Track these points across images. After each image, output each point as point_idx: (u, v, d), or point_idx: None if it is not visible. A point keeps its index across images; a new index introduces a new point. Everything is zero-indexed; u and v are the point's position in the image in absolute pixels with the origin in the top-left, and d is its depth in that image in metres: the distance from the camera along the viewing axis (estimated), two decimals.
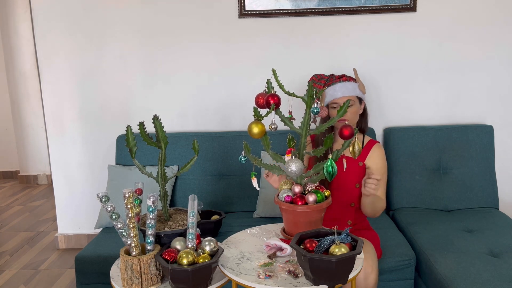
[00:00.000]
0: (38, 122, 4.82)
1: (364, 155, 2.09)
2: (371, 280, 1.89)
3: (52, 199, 4.21)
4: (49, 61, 2.92)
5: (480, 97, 2.85)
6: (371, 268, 1.89)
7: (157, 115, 1.64)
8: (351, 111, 2.02)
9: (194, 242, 1.49)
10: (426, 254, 2.17)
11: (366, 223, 2.20)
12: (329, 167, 1.55)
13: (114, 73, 2.92)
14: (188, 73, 2.90)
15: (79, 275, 2.28)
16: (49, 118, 3.00)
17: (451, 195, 2.68)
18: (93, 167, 3.04)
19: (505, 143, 2.87)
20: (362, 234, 2.10)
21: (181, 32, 2.85)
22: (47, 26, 2.87)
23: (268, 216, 2.61)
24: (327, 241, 1.38)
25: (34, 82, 4.72)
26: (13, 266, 3.05)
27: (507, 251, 2.11)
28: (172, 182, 2.75)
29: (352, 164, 2.05)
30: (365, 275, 1.88)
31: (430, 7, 2.74)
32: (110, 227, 2.58)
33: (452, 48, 2.80)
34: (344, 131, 1.60)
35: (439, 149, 2.71)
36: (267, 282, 1.39)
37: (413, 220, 2.50)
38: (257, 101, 1.59)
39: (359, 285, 1.88)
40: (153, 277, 1.50)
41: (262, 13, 2.78)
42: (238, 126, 2.93)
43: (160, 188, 1.68)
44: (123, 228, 1.50)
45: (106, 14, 2.84)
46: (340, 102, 2.02)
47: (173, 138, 2.74)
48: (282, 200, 1.59)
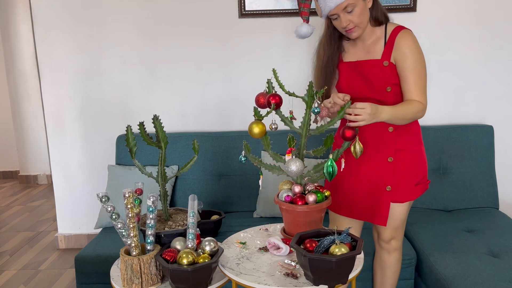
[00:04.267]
0: (38, 122, 4.82)
1: (389, 51, 1.77)
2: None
3: (52, 199, 4.21)
4: (49, 61, 2.92)
5: (480, 97, 2.85)
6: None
7: (157, 115, 1.64)
8: (356, 14, 1.71)
9: (194, 242, 1.49)
10: (426, 254, 2.17)
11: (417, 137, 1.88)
12: (329, 167, 1.55)
13: (114, 73, 2.92)
14: (188, 73, 2.90)
15: (79, 275, 2.28)
16: (49, 118, 3.00)
17: (451, 195, 2.68)
18: (93, 167, 3.04)
19: (505, 143, 2.87)
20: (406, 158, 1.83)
21: (181, 32, 2.85)
22: (47, 26, 2.87)
23: (268, 216, 2.61)
24: (327, 241, 1.38)
25: (34, 82, 4.72)
26: (13, 266, 3.05)
27: (507, 251, 2.11)
28: (172, 182, 2.75)
29: (375, 66, 1.78)
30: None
31: (430, 7, 2.74)
32: (110, 227, 2.58)
33: (452, 48, 2.80)
34: (346, 133, 1.60)
35: (439, 149, 2.71)
36: (267, 282, 1.39)
37: (413, 220, 2.50)
38: (258, 101, 1.59)
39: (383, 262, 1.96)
40: (153, 277, 1.50)
41: (262, 13, 2.78)
42: (238, 126, 2.92)
43: (160, 188, 1.68)
44: (123, 228, 1.50)
45: (106, 14, 2.84)
46: (338, 11, 1.71)
47: (173, 138, 2.74)
48: (282, 200, 1.58)
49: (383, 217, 1.85)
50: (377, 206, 1.85)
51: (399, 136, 1.83)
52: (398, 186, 1.84)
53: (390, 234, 1.93)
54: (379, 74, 1.77)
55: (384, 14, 1.82)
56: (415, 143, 1.88)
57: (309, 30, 1.88)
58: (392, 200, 1.84)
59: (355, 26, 1.74)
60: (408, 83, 1.76)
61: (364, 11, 1.73)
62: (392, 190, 1.83)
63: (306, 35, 1.90)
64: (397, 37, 1.77)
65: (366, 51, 1.83)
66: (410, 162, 1.85)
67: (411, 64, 1.75)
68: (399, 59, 1.75)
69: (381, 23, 1.81)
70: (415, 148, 1.88)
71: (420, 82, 1.76)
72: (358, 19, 1.72)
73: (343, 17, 1.72)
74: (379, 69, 1.78)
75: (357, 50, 1.85)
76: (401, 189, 1.85)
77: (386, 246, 1.97)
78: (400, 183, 1.84)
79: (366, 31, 1.81)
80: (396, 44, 1.76)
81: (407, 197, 1.86)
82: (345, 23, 1.73)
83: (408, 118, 1.77)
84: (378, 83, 1.78)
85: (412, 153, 1.86)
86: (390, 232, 1.92)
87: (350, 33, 1.76)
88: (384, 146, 1.83)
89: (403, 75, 1.76)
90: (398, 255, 2.00)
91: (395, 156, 1.83)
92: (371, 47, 1.82)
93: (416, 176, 1.87)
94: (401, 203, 1.86)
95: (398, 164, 1.83)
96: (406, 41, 1.76)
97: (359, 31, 1.77)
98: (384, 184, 1.84)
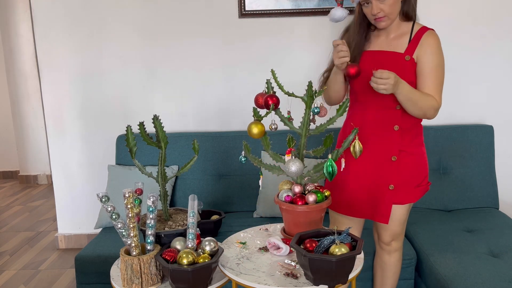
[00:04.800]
0: (38, 122, 4.82)
1: (413, 47, 1.77)
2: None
3: (52, 199, 4.21)
4: (49, 61, 2.92)
5: (480, 97, 2.85)
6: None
7: (157, 115, 1.64)
8: (388, 4, 1.70)
9: (194, 242, 1.49)
10: (426, 254, 2.17)
11: (419, 139, 1.89)
12: (329, 167, 1.55)
13: (114, 73, 2.92)
14: (188, 73, 2.90)
15: (79, 275, 2.28)
16: (49, 118, 3.00)
17: (451, 195, 2.68)
18: (93, 167, 3.04)
19: (505, 143, 2.87)
20: (407, 159, 1.82)
21: (181, 32, 2.85)
22: (47, 26, 2.87)
23: (268, 216, 2.61)
24: (327, 241, 1.38)
25: (34, 82, 4.72)
26: (13, 266, 3.05)
27: (507, 251, 2.11)
28: (172, 182, 2.75)
29: (396, 59, 1.77)
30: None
31: (430, 7, 2.74)
32: (110, 227, 2.58)
33: (452, 48, 2.79)
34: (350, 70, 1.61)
35: (439, 149, 2.71)
36: (267, 282, 1.39)
37: (413, 220, 2.50)
38: (257, 101, 1.59)
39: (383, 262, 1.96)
40: (153, 277, 1.50)
41: (262, 13, 2.78)
42: (238, 126, 2.92)
43: (160, 188, 1.68)
44: (123, 228, 1.50)
45: (106, 14, 2.84)
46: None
47: (173, 138, 2.74)
48: (282, 200, 1.58)
49: (384, 215, 1.85)
50: (378, 204, 1.85)
51: (403, 136, 1.82)
52: (399, 187, 1.83)
53: (390, 236, 1.93)
54: (398, 67, 1.74)
55: (414, 11, 1.81)
56: (417, 144, 1.88)
57: (343, 14, 1.83)
58: (392, 202, 1.84)
59: (385, 16, 1.72)
60: (427, 82, 1.76)
61: (396, 2, 1.72)
62: (393, 190, 1.83)
63: (340, 19, 1.84)
64: (423, 35, 1.76)
65: (388, 44, 1.81)
66: (412, 164, 1.85)
67: (433, 65, 1.75)
68: (423, 57, 1.75)
69: (410, 19, 1.81)
70: (417, 150, 1.87)
71: (439, 83, 1.77)
72: (390, 9, 1.71)
73: (375, 4, 1.70)
74: (399, 62, 1.76)
75: (380, 41, 1.83)
76: (402, 191, 1.84)
77: (387, 247, 1.97)
78: (401, 184, 1.84)
79: (392, 24, 1.79)
80: (422, 42, 1.76)
81: (408, 199, 1.86)
82: (376, 10, 1.71)
83: (419, 107, 1.74)
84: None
85: (414, 155, 1.86)
86: (390, 233, 1.92)
87: (379, 22, 1.75)
88: (388, 144, 1.82)
89: (423, 74, 1.76)
90: (399, 255, 2.00)
91: (399, 156, 1.82)
92: (394, 41, 1.81)
93: (417, 178, 1.87)
94: (401, 204, 1.86)
95: (401, 165, 1.83)
96: (432, 41, 1.76)
97: (388, 22, 1.76)
98: (386, 183, 1.83)
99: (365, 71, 1.75)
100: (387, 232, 1.92)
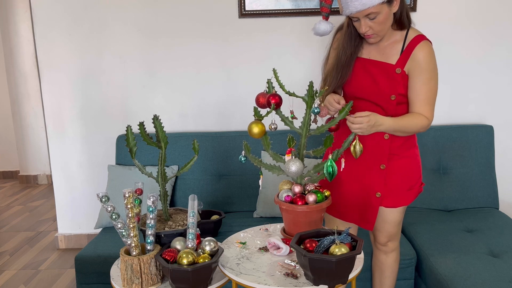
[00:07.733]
0: (38, 122, 4.81)
1: (404, 60, 1.71)
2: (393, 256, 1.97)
3: (52, 199, 4.21)
4: (49, 61, 2.92)
5: (480, 97, 2.85)
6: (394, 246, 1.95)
7: (157, 115, 1.64)
8: (378, 22, 1.63)
9: (194, 242, 1.49)
10: (426, 254, 2.17)
11: (411, 141, 1.84)
12: (329, 167, 1.55)
13: (114, 73, 2.92)
14: (188, 73, 2.90)
15: (79, 275, 2.28)
16: (49, 118, 3.00)
17: (451, 195, 2.68)
18: (93, 167, 3.04)
19: (505, 143, 2.87)
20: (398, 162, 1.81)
21: (181, 32, 2.85)
22: (47, 26, 2.87)
23: (268, 216, 2.61)
24: (327, 241, 1.38)
25: (34, 82, 4.72)
26: (13, 266, 3.05)
27: (507, 251, 2.11)
28: (172, 182, 2.75)
29: (387, 70, 1.72)
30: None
31: (430, 7, 2.74)
32: (110, 227, 2.58)
33: (452, 48, 2.80)
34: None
35: (439, 149, 2.71)
36: (267, 282, 1.39)
37: (413, 220, 2.50)
38: (258, 101, 1.59)
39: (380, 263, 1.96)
40: (153, 277, 1.50)
41: (262, 13, 2.78)
42: (238, 126, 2.93)
43: (160, 188, 1.69)
44: (123, 228, 1.50)
45: (106, 14, 2.84)
46: (360, 16, 1.63)
47: (173, 138, 2.74)
48: (282, 200, 1.58)
49: (369, 222, 1.86)
50: (365, 211, 1.85)
51: (393, 141, 1.79)
52: (390, 192, 1.83)
53: (386, 237, 1.94)
54: (388, 79, 1.72)
55: (409, 19, 1.73)
56: (409, 147, 1.84)
57: (327, 28, 1.77)
58: (385, 205, 1.84)
59: (374, 33, 1.67)
60: (418, 96, 1.72)
61: (387, 18, 1.65)
62: (383, 196, 1.82)
63: (324, 33, 1.78)
64: (416, 47, 1.69)
65: (381, 52, 1.76)
66: (403, 167, 1.83)
67: (425, 79, 1.70)
68: (414, 71, 1.70)
69: (403, 28, 1.74)
70: (409, 152, 1.84)
71: (430, 97, 1.72)
72: (379, 27, 1.65)
73: (363, 22, 1.64)
74: (390, 74, 1.72)
75: (372, 48, 1.77)
76: (393, 195, 1.83)
77: (383, 248, 1.98)
78: (392, 189, 1.82)
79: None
80: (414, 55, 1.69)
81: (400, 202, 1.85)
82: (364, 29, 1.65)
83: (410, 132, 1.75)
84: (384, 88, 1.73)
85: (406, 158, 1.83)
86: (386, 235, 1.93)
87: (368, 38, 1.71)
88: (378, 152, 1.80)
89: (415, 88, 1.72)
90: (396, 255, 2.00)
91: (388, 162, 1.81)
92: (387, 49, 1.75)
93: (408, 181, 1.85)
94: (394, 208, 1.86)
95: (391, 170, 1.81)
96: (424, 54, 1.69)
97: (377, 38, 1.71)
98: (374, 190, 1.83)
99: (355, 77, 1.77)
100: (382, 234, 1.93)
